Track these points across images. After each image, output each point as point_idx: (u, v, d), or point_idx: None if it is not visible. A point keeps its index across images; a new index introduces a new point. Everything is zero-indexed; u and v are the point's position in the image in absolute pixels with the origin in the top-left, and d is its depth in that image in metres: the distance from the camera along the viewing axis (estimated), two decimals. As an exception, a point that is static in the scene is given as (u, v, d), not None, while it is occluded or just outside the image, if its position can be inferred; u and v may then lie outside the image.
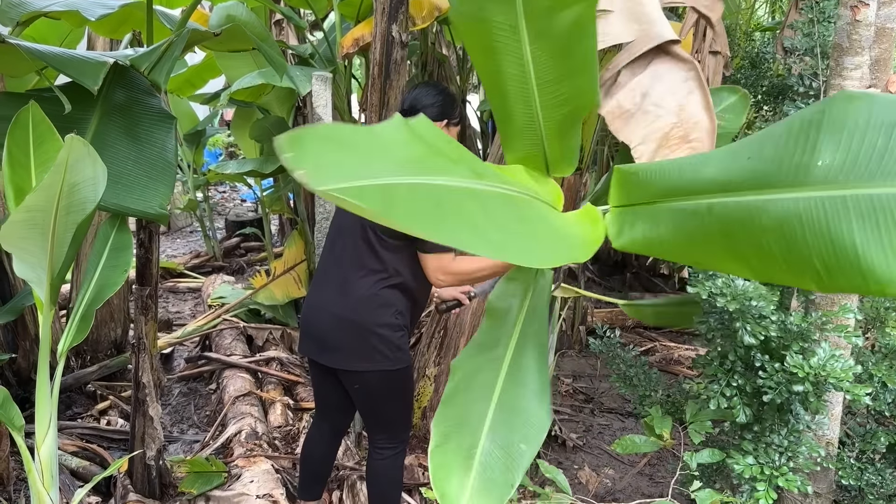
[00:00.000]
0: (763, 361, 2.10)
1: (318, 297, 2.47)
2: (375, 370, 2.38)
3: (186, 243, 7.48)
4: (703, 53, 3.20)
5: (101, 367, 4.04)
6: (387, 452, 2.57)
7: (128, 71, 2.24)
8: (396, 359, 2.40)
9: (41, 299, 1.83)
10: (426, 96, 2.46)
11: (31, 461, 1.92)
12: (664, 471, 3.52)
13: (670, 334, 5.17)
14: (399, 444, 2.59)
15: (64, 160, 1.49)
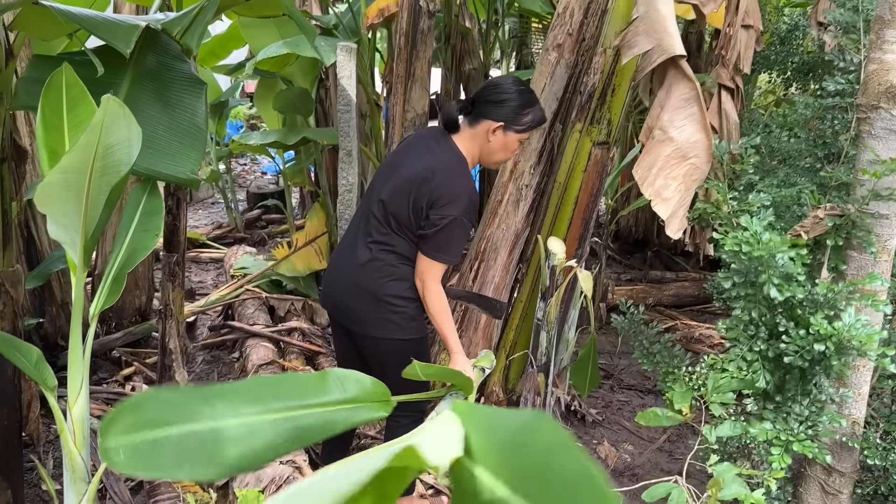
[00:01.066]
0: (787, 327, 2.08)
1: (340, 260, 2.51)
2: (389, 338, 2.40)
3: (208, 214, 7.52)
4: (736, 27, 3.15)
5: (126, 334, 4.09)
6: (402, 420, 2.58)
7: (158, 36, 2.24)
8: (410, 328, 2.41)
9: (74, 261, 1.84)
10: (498, 91, 2.31)
11: (63, 421, 1.95)
12: (684, 447, 3.52)
13: (691, 313, 5.15)
14: (415, 413, 2.60)
15: (100, 121, 1.49)
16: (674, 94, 2.27)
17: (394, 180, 2.36)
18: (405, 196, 2.29)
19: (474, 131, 2.33)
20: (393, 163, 2.48)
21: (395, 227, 2.35)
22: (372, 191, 2.47)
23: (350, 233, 2.52)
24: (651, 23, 2.28)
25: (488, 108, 2.29)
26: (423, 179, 2.27)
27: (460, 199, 2.26)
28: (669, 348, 2.71)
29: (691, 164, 2.30)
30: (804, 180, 2.63)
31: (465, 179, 2.32)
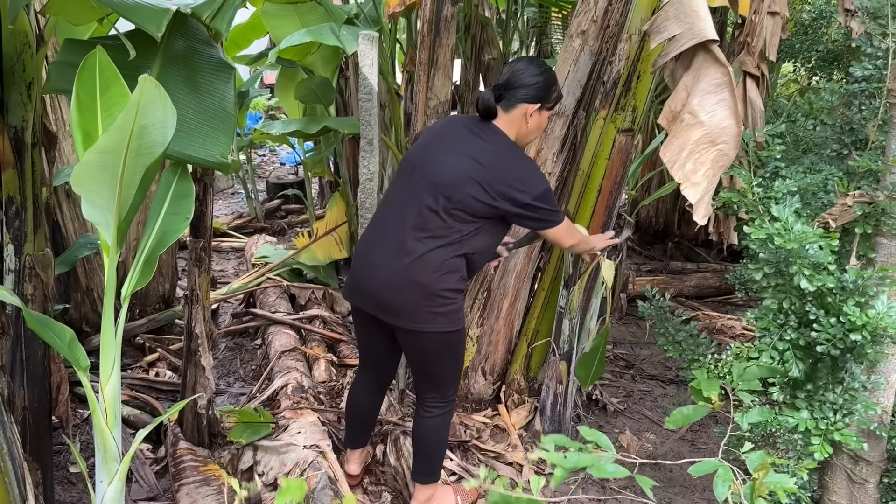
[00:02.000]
0: (818, 315, 2.07)
1: (381, 254, 2.43)
2: (436, 331, 2.39)
3: (228, 204, 7.57)
4: (762, 14, 3.12)
5: (150, 321, 4.13)
6: (436, 411, 2.60)
7: (187, 20, 2.26)
8: (457, 319, 2.42)
9: (107, 242, 1.87)
10: (527, 74, 2.38)
11: (95, 401, 1.98)
12: (706, 437, 3.52)
13: (712, 304, 5.13)
14: (448, 403, 2.62)
15: (136, 101, 1.50)
16: (703, 79, 2.25)
17: (450, 170, 2.34)
18: (474, 185, 2.30)
19: (511, 116, 2.40)
20: (437, 153, 2.43)
21: (460, 218, 2.33)
22: (415, 182, 2.39)
23: (391, 226, 2.43)
24: (682, 6, 2.26)
25: (522, 92, 2.36)
26: (491, 168, 2.32)
27: (534, 174, 2.42)
28: (695, 336, 2.70)
29: (719, 149, 2.29)
30: (831, 168, 2.61)
31: (524, 159, 2.48)
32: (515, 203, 2.33)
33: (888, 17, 2.59)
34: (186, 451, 2.86)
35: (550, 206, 2.41)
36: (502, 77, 2.41)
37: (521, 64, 2.44)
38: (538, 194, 2.35)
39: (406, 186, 2.44)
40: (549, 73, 2.43)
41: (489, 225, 2.39)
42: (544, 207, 2.38)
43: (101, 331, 1.97)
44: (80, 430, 3.19)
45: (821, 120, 2.90)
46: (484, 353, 3.52)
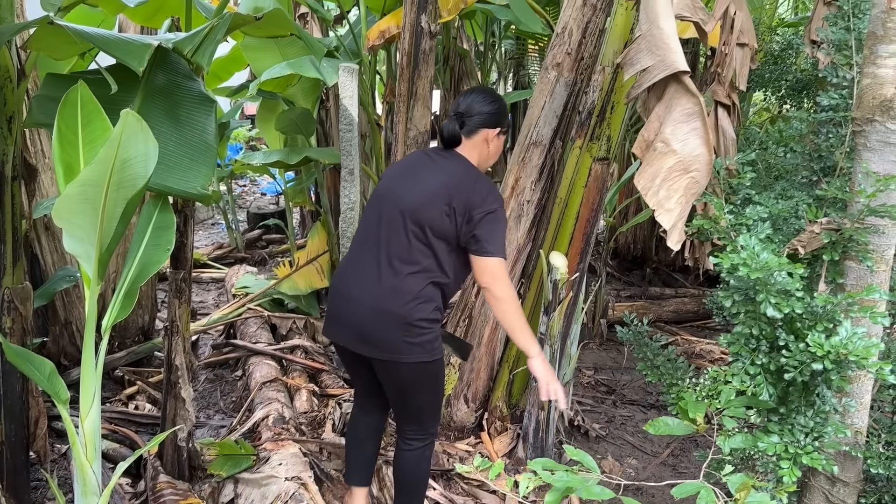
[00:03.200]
0: (787, 341, 2.11)
1: (356, 286, 2.44)
2: (412, 362, 2.39)
3: (208, 235, 7.55)
4: (731, 45, 3.21)
5: (129, 353, 4.11)
6: (416, 444, 2.60)
7: (168, 55, 2.29)
8: (433, 350, 2.42)
9: (88, 275, 1.87)
10: (485, 102, 2.49)
11: (75, 434, 1.96)
12: (687, 461, 3.54)
13: (691, 329, 5.18)
14: (428, 436, 2.62)
15: (118, 134, 1.53)
16: (675, 109, 2.31)
17: (417, 195, 2.39)
18: (440, 204, 2.35)
19: (473, 141, 2.50)
20: (402, 182, 2.48)
21: (427, 239, 2.36)
22: (384, 213, 2.43)
23: (363, 260, 2.45)
24: (653, 39, 2.33)
25: (482, 119, 2.47)
26: (453, 186, 2.38)
27: (492, 194, 2.43)
28: (673, 360, 2.74)
29: (691, 177, 2.35)
30: (801, 194, 2.68)
31: (485, 180, 2.48)
32: (471, 217, 2.35)
33: (852, 49, 2.68)
34: (166, 485, 2.83)
35: (495, 232, 2.39)
36: (461, 106, 2.49)
37: (477, 93, 2.54)
38: (492, 210, 2.38)
39: (375, 220, 2.47)
40: (502, 100, 2.57)
41: (459, 251, 2.43)
42: (489, 228, 2.37)
43: (82, 363, 1.97)
44: (57, 465, 3.15)
45: (791, 147, 2.97)
46: (466, 380, 3.53)
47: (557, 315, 3.13)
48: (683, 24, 3.05)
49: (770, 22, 5.58)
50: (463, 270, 2.50)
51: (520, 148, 3.41)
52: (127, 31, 4.02)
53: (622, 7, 3.06)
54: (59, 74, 2.31)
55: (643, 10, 2.43)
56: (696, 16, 2.54)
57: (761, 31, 4.81)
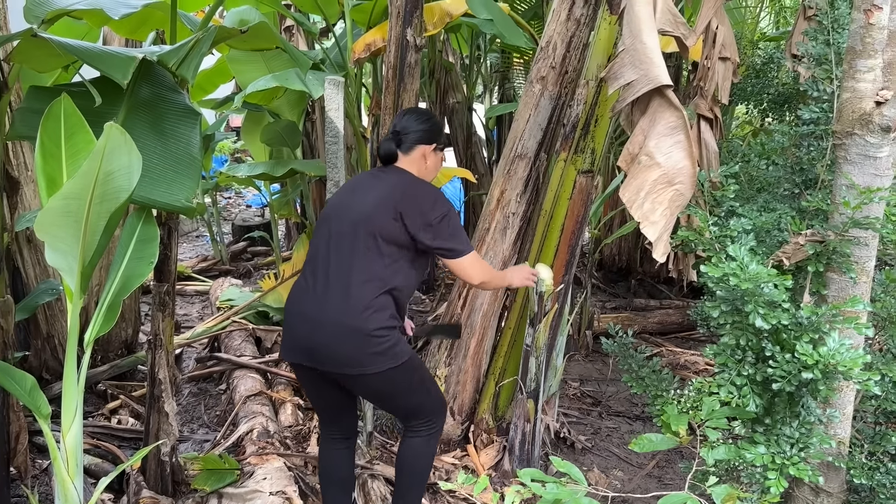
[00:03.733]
0: (773, 351, 2.12)
1: (310, 305, 2.42)
2: (379, 371, 2.38)
3: (193, 247, 7.51)
4: (713, 59, 3.25)
5: (112, 367, 4.07)
6: (422, 431, 2.60)
7: (153, 68, 2.28)
8: (397, 354, 2.40)
9: (71, 288, 1.86)
10: (420, 120, 2.61)
11: (56, 450, 1.94)
12: (672, 473, 3.54)
13: (676, 340, 5.20)
14: (434, 425, 2.62)
15: (102, 147, 1.52)
16: (659, 123, 2.34)
17: (364, 205, 2.46)
18: (388, 209, 2.41)
19: (411, 157, 2.59)
20: (347, 199, 2.55)
21: (377, 247, 2.38)
22: (331, 229, 2.48)
23: (314, 277, 2.45)
24: (637, 54, 2.35)
25: (418, 135, 2.57)
26: (399, 193, 2.45)
27: (437, 196, 2.53)
28: (658, 372, 2.75)
29: (676, 189, 2.37)
30: (784, 206, 2.70)
31: (426, 184, 2.59)
32: (425, 222, 2.42)
33: (832, 63, 2.72)
34: (149, 500, 2.80)
35: (456, 232, 2.50)
36: (397, 125, 2.60)
37: (411, 113, 2.66)
38: (443, 213, 2.46)
39: (324, 238, 2.50)
40: (436, 118, 2.70)
41: (409, 256, 2.46)
42: (449, 231, 2.47)
43: (64, 377, 1.95)
44: (38, 481, 3.11)
45: (773, 160, 3.01)
46: (452, 392, 3.53)
47: (543, 327, 3.14)
48: (666, 39, 3.08)
49: (752, 36, 5.65)
50: (415, 275, 2.52)
51: (505, 160, 3.42)
52: (111, 43, 4.01)
53: (606, 22, 3.09)
54: (43, 87, 2.30)
55: (626, 25, 2.45)
56: (678, 30, 2.57)
57: (743, 45, 4.87)
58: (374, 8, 4.59)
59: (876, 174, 2.17)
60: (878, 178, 2.16)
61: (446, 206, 2.51)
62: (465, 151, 6.26)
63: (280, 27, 5.84)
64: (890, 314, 2.58)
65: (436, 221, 2.43)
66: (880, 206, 2.21)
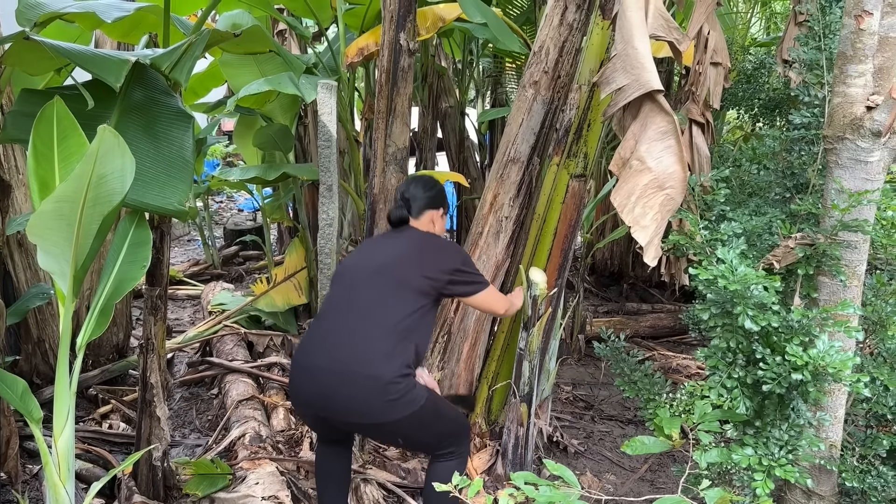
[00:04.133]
0: (764, 354, 2.13)
1: (322, 357, 2.41)
2: (397, 418, 2.37)
3: (184, 251, 7.49)
4: (705, 64, 3.26)
5: (104, 372, 4.05)
6: (449, 455, 2.59)
7: (146, 71, 2.28)
8: (415, 399, 2.39)
9: (63, 292, 1.85)
10: (423, 190, 2.73)
11: (48, 454, 1.93)
12: (665, 476, 3.55)
13: (668, 344, 5.21)
14: (461, 446, 2.63)
15: (95, 150, 1.51)
16: (650, 127, 2.34)
17: (385, 256, 2.59)
18: (408, 261, 2.54)
19: (420, 222, 2.72)
20: (367, 255, 2.66)
21: (400, 297, 2.45)
22: (350, 283, 2.54)
23: (328, 328, 2.47)
24: (628, 59, 2.36)
25: (427, 202, 2.72)
26: (420, 245, 2.61)
27: (454, 247, 2.78)
28: (650, 375, 2.75)
29: (666, 194, 2.37)
30: (775, 210, 2.72)
31: (442, 238, 2.76)
32: (446, 270, 2.55)
33: (823, 68, 2.74)
34: (141, 505, 2.79)
35: (474, 271, 2.69)
36: (405, 193, 2.72)
37: (417, 181, 2.78)
38: (463, 258, 2.67)
39: (340, 291, 2.56)
40: (440, 185, 2.85)
41: (430, 304, 2.52)
42: (470, 272, 2.64)
43: (55, 382, 1.93)
44: (29, 486, 3.08)
45: (764, 165, 3.02)
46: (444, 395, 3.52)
47: (537, 331, 3.14)
48: (658, 44, 3.10)
49: (743, 41, 5.68)
50: (431, 324, 2.60)
51: (498, 165, 3.43)
52: (104, 47, 4.00)
53: (598, 27, 3.10)
54: (35, 90, 2.29)
55: (619, 30, 2.46)
56: (671, 35, 2.58)
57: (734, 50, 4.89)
58: (367, 12, 4.60)
59: (867, 178, 2.18)
60: (869, 182, 2.18)
61: (462, 252, 2.73)
62: (458, 156, 6.27)
63: (273, 31, 5.84)
64: (880, 318, 2.59)
65: (460, 270, 2.58)
66: (871, 209, 2.23)
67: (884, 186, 2.29)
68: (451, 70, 6.29)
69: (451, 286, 2.57)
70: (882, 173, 2.21)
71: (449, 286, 2.56)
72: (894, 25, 2.15)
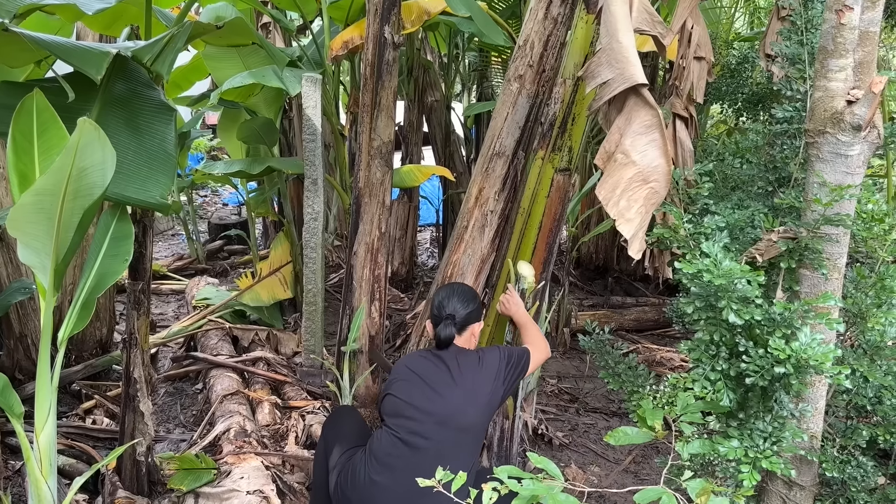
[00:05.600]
0: (747, 347, 2.15)
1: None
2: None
3: (168, 246, 7.44)
4: (688, 59, 3.28)
5: (87, 367, 4.02)
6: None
7: (127, 63, 2.26)
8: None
9: (44, 285, 1.83)
10: (467, 303, 2.71)
11: (29, 449, 1.91)
12: (649, 468, 3.58)
13: (652, 337, 5.25)
14: None
15: (75, 143, 1.50)
16: (635, 121, 2.35)
17: (444, 412, 2.49)
18: (471, 403, 2.52)
19: (464, 338, 2.70)
20: (427, 397, 2.53)
21: (467, 443, 2.49)
22: (413, 431, 2.47)
23: (391, 474, 2.45)
24: (613, 53, 2.37)
25: (469, 316, 2.69)
26: (472, 384, 2.56)
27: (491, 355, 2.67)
28: (634, 368, 2.77)
29: (651, 187, 2.39)
30: (757, 204, 2.74)
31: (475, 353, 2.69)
32: (498, 380, 2.59)
33: (805, 63, 2.76)
34: (125, 500, 2.77)
35: (515, 352, 2.71)
36: (449, 308, 2.67)
37: (458, 295, 2.72)
38: (500, 354, 2.67)
39: (402, 447, 2.47)
40: (478, 295, 2.86)
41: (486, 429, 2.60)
42: (512, 358, 2.67)
43: (37, 376, 1.92)
44: (11, 482, 3.06)
45: (747, 159, 3.04)
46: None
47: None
48: (642, 38, 3.11)
49: (726, 36, 5.71)
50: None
51: (483, 159, 3.43)
52: (85, 39, 3.96)
53: (582, 21, 3.11)
54: (14, 82, 2.26)
55: (603, 24, 2.47)
56: (655, 30, 2.59)
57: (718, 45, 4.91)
58: (352, 5, 4.58)
59: (847, 172, 2.20)
60: (850, 175, 2.19)
61: (499, 351, 2.69)
62: (444, 150, 6.27)
63: (257, 24, 5.80)
64: (861, 310, 2.62)
65: (503, 369, 2.61)
66: (851, 203, 2.24)
67: (864, 180, 2.31)
68: (436, 64, 6.29)
69: (509, 383, 2.62)
70: (862, 167, 2.23)
71: (508, 385, 2.62)
72: (874, 20, 2.16)
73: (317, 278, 4.06)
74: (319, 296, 4.09)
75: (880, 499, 2.45)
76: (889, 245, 2.46)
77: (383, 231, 3.55)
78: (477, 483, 2.38)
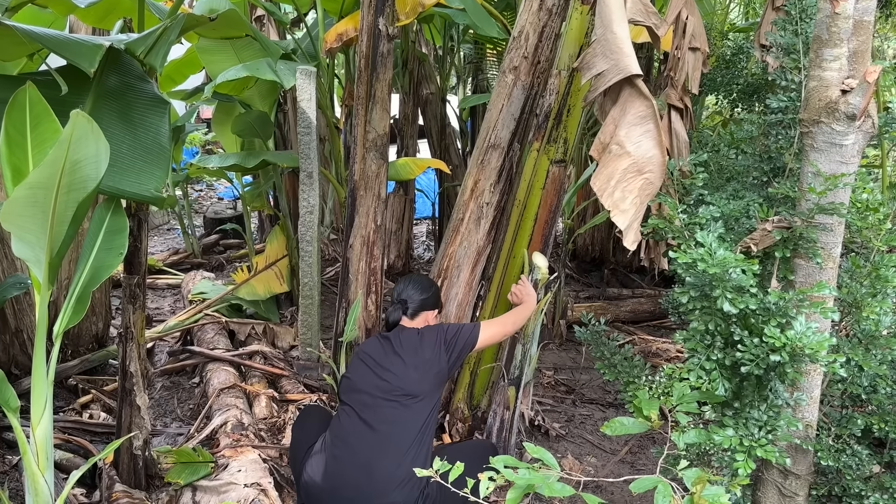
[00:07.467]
0: (742, 336, 2.16)
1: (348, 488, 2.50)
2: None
3: (164, 241, 7.42)
4: (683, 50, 3.28)
5: (83, 361, 4.02)
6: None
7: (121, 56, 2.25)
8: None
9: (38, 279, 1.83)
10: (421, 290, 2.83)
11: (26, 443, 1.91)
12: (645, 458, 3.59)
13: (648, 328, 5.26)
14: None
15: (68, 136, 1.49)
16: (630, 112, 2.35)
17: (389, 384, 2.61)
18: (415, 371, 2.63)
19: (415, 323, 2.81)
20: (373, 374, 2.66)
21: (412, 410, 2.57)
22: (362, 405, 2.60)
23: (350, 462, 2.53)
24: (608, 44, 2.36)
25: (423, 303, 2.82)
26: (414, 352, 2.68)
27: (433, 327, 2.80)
28: (630, 359, 2.77)
29: (645, 178, 2.39)
30: (752, 194, 2.74)
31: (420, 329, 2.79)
32: (440, 348, 2.68)
33: (800, 53, 2.76)
34: (122, 494, 2.78)
35: (459, 327, 2.79)
36: (403, 294, 2.82)
37: (414, 282, 2.87)
38: (442, 327, 2.78)
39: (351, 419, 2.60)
40: (436, 285, 2.97)
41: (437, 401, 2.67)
42: (455, 328, 2.77)
43: (33, 370, 1.92)
44: (8, 477, 3.06)
45: (742, 149, 3.04)
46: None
47: (534, 314, 3.15)
48: (637, 29, 3.10)
49: (721, 27, 5.70)
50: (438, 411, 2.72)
51: (478, 151, 3.43)
52: (78, 32, 3.94)
53: (577, 12, 3.10)
54: (7, 76, 2.25)
55: (598, 15, 2.46)
56: (650, 20, 2.59)
57: (713, 35, 4.91)
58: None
59: (842, 161, 2.20)
60: (844, 165, 2.20)
61: (439, 325, 2.79)
62: (439, 143, 6.26)
63: (251, 17, 5.78)
64: (856, 299, 2.63)
65: (447, 336, 2.70)
66: (846, 192, 2.25)
67: (859, 170, 2.31)
68: (431, 56, 6.28)
69: (453, 353, 2.68)
70: (857, 156, 2.24)
71: (451, 355, 2.67)
72: (868, 9, 2.16)
73: (313, 272, 4.06)
74: (316, 289, 4.08)
75: (875, 487, 2.47)
76: (884, 234, 2.46)
77: (379, 224, 3.55)
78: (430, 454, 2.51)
